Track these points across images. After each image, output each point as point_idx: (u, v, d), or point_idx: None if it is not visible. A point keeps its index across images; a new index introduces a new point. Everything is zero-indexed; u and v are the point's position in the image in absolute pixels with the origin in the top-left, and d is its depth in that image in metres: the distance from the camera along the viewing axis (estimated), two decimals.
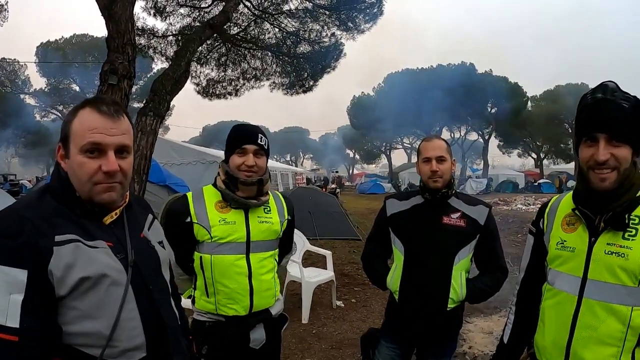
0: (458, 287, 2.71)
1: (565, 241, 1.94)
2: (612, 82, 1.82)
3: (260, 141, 2.59)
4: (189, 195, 2.68)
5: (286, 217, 2.84)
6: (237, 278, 2.55)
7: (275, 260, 2.78)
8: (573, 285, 1.86)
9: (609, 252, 1.77)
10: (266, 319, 2.68)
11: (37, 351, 1.35)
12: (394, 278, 2.84)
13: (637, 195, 1.80)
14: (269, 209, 2.74)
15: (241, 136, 2.59)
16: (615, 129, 1.73)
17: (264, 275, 2.64)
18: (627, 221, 1.77)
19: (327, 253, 7.39)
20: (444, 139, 2.87)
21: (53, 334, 1.40)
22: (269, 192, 2.75)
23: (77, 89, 44.57)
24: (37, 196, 1.56)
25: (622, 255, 1.74)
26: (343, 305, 7.14)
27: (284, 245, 2.92)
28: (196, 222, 2.55)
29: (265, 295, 2.64)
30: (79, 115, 1.54)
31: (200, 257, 2.55)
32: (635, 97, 1.79)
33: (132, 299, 1.55)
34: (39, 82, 55.34)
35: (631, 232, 1.76)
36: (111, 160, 1.51)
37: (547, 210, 2.13)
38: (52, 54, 40.97)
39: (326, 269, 7.21)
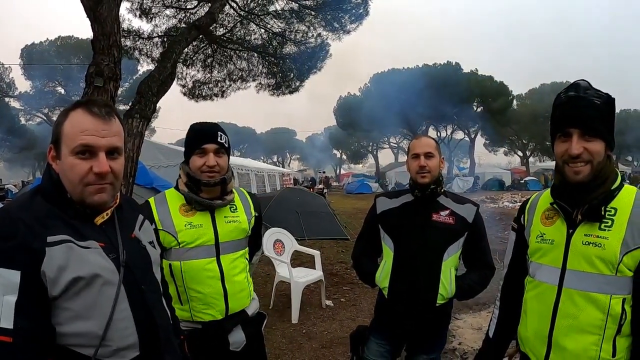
0: (447, 284, 2.75)
1: (544, 234, 2.00)
2: (584, 80, 1.90)
3: (220, 139, 2.52)
4: (152, 200, 2.60)
5: (253, 214, 2.80)
6: (209, 282, 2.49)
7: (246, 259, 2.74)
8: (553, 276, 1.92)
9: (587, 243, 1.84)
10: (243, 320, 2.63)
11: (31, 352, 1.36)
12: (382, 274, 2.88)
13: (612, 188, 1.87)
14: (235, 207, 2.69)
15: (199, 135, 2.51)
16: (587, 124, 1.80)
17: (237, 276, 2.59)
18: (603, 213, 1.84)
19: (316, 253, 7.41)
20: (433, 138, 2.94)
21: (47, 335, 1.41)
22: (233, 189, 2.70)
23: (63, 91, 44.00)
24: (29, 198, 1.57)
25: (599, 246, 1.80)
26: (332, 304, 7.17)
27: (254, 243, 2.88)
28: (161, 228, 2.46)
29: (240, 296, 2.61)
30: (70, 116, 1.55)
31: (170, 265, 2.45)
32: (607, 94, 1.87)
33: (125, 298, 1.56)
34: (24, 85, 54.76)
35: (607, 222, 1.83)
36: (102, 162, 1.53)
37: (527, 206, 2.20)
38: (37, 57, 40.52)
39: (315, 268, 7.23)
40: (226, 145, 2.56)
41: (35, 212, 1.49)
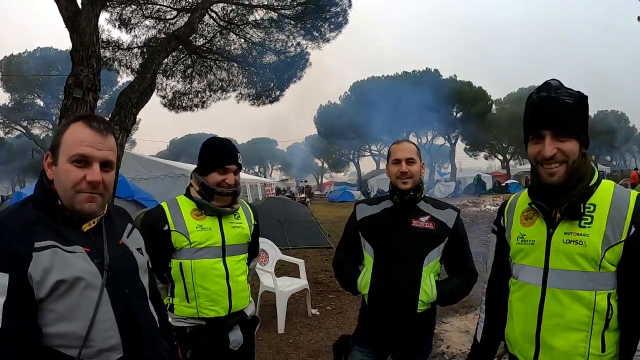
0: (428, 289, 2.72)
1: (524, 235, 2.00)
2: (555, 80, 1.90)
3: (239, 160, 2.81)
4: (164, 204, 2.81)
5: (253, 222, 3.07)
6: (216, 280, 2.71)
7: (246, 264, 2.98)
8: (536, 276, 1.92)
9: (567, 241, 1.84)
10: (242, 320, 2.85)
11: (17, 351, 1.43)
12: (363, 281, 2.85)
13: (590, 185, 1.88)
14: (238, 215, 2.94)
15: (223, 155, 2.77)
16: (559, 124, 1.80)
17: (240, 276, 2.83)
18: (582, 210, 1.84)
19: (300, 262, 7.39)
20: (413, 143, 2.94)
21: (33, 335, 1.47)
22: (238, 201, 2.94)
23: (42, 104, 43.42)
24: (20, 205, 1.66)
25: (580, 243, 1.81)
26: (318, 313, 7.14)
27: (252, 249, 3.10)
28: (174, 229, 2.68)
29: (242, 296, 2.83)
30: (71, 127, 1.66)
31: (180, 263, 2.67)
32: (578, 92, 1.87)
33: (107, 301, 1.62)
34: (2, 97, 54.03)
35: (587, 219, 1.83)
36: (95, 172, 1.63)
37: (506, 208, 2.20)
38: (15, 69, 40.01)
39: (299, 277, 7.20)
40: (241, 164, 2.85)
41: (23, 219, 1.57)
